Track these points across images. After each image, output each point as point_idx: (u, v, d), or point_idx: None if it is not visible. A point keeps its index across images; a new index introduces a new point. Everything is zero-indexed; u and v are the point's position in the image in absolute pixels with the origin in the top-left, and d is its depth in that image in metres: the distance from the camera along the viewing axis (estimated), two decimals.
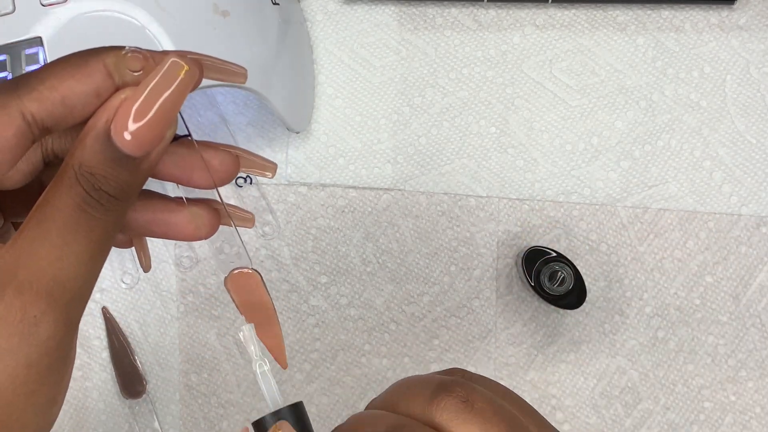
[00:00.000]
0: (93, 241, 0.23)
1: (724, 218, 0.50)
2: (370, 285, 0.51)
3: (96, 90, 0.23)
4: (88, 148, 0.23)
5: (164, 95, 0.23)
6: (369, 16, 0.52)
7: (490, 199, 0.51)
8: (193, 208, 0.28)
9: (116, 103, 0.23)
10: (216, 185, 0.28)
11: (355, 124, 0.52)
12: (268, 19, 0.46)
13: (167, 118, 0.23)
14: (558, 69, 0.52)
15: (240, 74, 0.27)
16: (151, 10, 0.39)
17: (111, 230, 0.24)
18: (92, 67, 0.23)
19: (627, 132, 0.51)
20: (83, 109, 0.24)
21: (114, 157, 0.23)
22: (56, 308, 0.23)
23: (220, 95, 0.52)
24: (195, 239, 0.29)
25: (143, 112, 0.23)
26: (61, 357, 0.24)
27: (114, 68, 0.24)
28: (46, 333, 0.23)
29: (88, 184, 0.23)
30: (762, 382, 0.50)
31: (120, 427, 0.50)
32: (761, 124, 0.51)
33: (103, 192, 0.23)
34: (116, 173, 0.23)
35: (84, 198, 0.23)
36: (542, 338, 0.50)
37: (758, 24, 0.51)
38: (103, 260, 0.24)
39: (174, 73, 0.23)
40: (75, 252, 0.23)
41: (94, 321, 0.51)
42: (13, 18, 0.37)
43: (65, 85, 0.23)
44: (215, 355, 0.51)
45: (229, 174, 0.28)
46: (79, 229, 0.23)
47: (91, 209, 0.23)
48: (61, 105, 0.23)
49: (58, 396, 0.25)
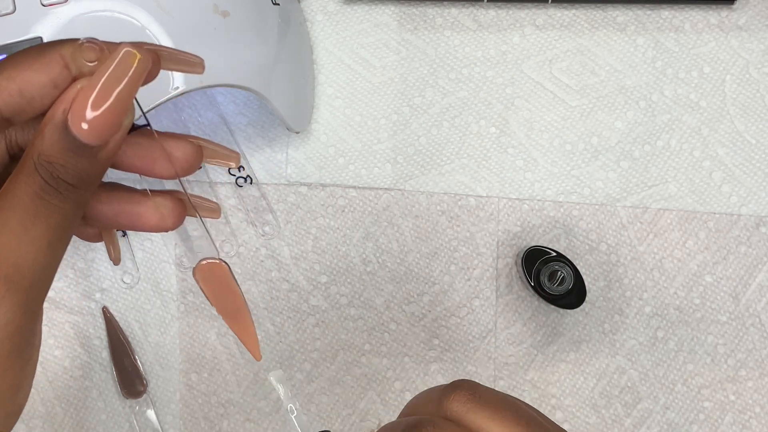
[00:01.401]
0: (52, 228, 0.24)
1: (723, 218, 0.50)
2: (370, 285, 0.51)
3: (53, 81, 0.24)
4: (47, 137, 0.24)
5: (119, 84, 0.24)
6: (369, 16, 0.52)
7: (490, 199, 0.51)
8: (158, 199, 0.29)
9: (73, 94, 0.24)
10: (178, 175, 0.28)
11: (355, 124, 0.52)
12: (268, 20, 0.46)
13: (122, 107, 0.24)
14: (558, 69, 0.52)
15: (197, 64, 0.28)
16: (151, 11, 0.39)
17: (70, 218, 0.25)
18: (49, 58, 0.24)
19: (627, 132, 0.51)
20: (42, 101, 0.24)
21: (72, 146, 0.24)
22: (15, 293, 0.23)
23: (220, 95, 0.52)
24: (161, 230, 0.29)
25: (99, 102, 0.23)
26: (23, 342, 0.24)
27: (70, 59, 0.24)
28: (4, 318, 0.23)
29: (46, 173, 0.24)
30: (761, 382, 0.50)
31: (120, 427, 0.50)
32: (761, 124, 0.51)
33: (61, 180, 0.24)
34: (74, 162, 0.24)
35: (42, 186, 0.24)
36: (542, 338, 0.50)
37: (758, 24, 0.51)
38: (63, 247, 0.25)
39: (127, 62, 0.24)
40: (34, 238, 0.24)
41: (94, 321, 0.51)
42: (14, 18, 0.38)
43: (22, 76, 0.24)
44: (215, 354, 0.51)
45: (191, 164, 0.29)
46: (39, 217, 0.24)
47: (49, 197, 0.24)
48: (18, 95, 0.24)
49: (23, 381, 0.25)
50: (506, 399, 0.25)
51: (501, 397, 0.25)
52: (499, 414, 0.25)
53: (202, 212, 0.30)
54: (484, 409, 0.25)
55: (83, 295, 0.51)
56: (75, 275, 0.51)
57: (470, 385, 0.26)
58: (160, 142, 0.28)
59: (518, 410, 0.25)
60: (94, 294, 0.51)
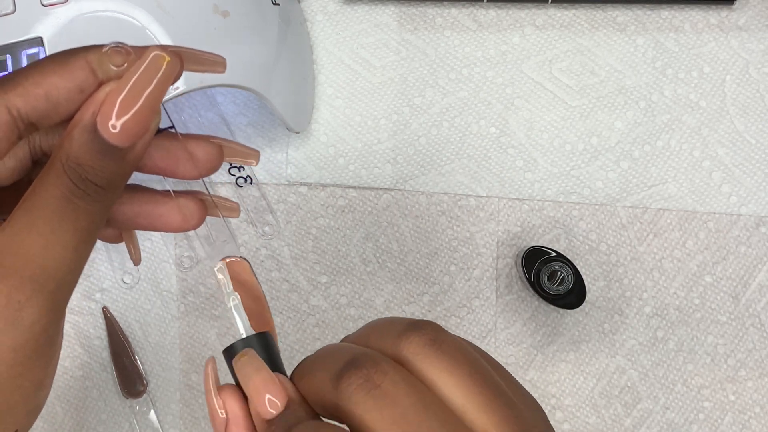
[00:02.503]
0: (79, 231, 0.24)
1: (723, 218, 0.50)
2: (370, 285, 0.51)
3: (79, 86, 0.24)
4: (75, 140, 0.24)
5: (148, 87, 0.24)
6: (369, 16, 0.52)
7: (490, 199, 0.51)
8: (180, 200, 0.29)
9: (101, 97, 0.24)
10: (201, 176, 0.28)
11: (355, 124, 0.52)
12: (268, 20, 0.46)
13: (151, 109, 0.24)
14: (558, 69, 0.52)
15: (219, 63, 0.28)
16: (151, 11, 0.39)
17: (97, 220, 0.25)
18: (75, 63, 0.24)
19: (626, 132, 0.51)
20: (68, 105, 0.24)
21: (100, 149, 0.24)
22: (41, 294, 0.24)
23: (220, 96, 0.53)
24: (183, 230, 0.29)
25: (128, 104, 0.23)
26: (47, 342, 0.25)
27: (97, 64, 0.24)
28: (30, 318, 0.23)
29: (75, 175, 0.24)
30: (761, 382, 0.50)
31: (120, 426, 0.50)
32: (760, 124, 0.51)
33: (89, 182, 0.24)
34: (103, 164, 0.24)
35: (71, 188, 0.24)
36: (542, 338, 0.50)
37: (758, 24, 0.51)
38: (89, 249, 0.25)
39: (156, 65, 0.24)
40: (61, 240, 0.24)
41: (95, 321, 0.51)
42: (14, 18, 0.38)
43: (49, 81, 0.24)
44: (216, 354, 0.51)
45: (213, 164, 0.29)
46: (66, 219, 0.24)
47: (77, 199, 0.24)
48: (45, 100, 0.24)
49: (45, 380, 0.26)
50: (467, 352, 0.24)
51: (462, 348, 0.24)
52: (455, 367, 0.23)
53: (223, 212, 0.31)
54: (440, 359, 0.23)
55: (83, 295, 0.51)
56: None
57: (433, 328, 0.24)
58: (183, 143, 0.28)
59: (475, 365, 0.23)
60: (94, 294, 0.51)
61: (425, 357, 0.23)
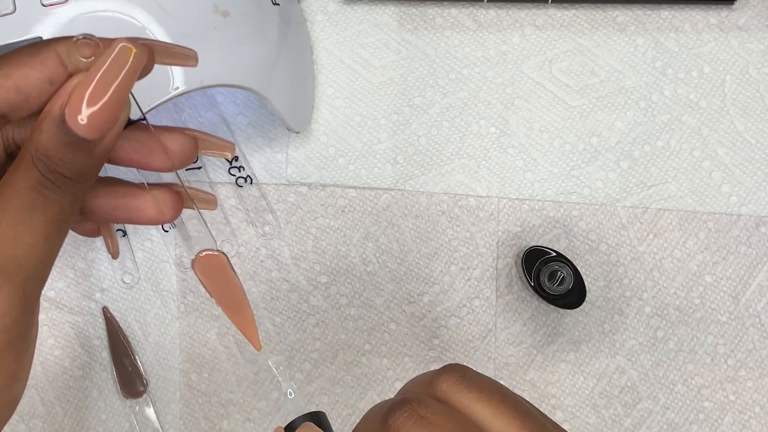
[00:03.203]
0: (49, 221, 0.24)
1: (723, 218, 0.50)
2: (370, 285, 0.51)
3: (49, 77, 0.24)
4: (44, 132, 0.24)
5: (115, 79, 0.24)
6: (369, 16, 0.52)
7: (490, 199, 0.51)
8: (155, 192, 0.29)
9: (70, 89, 0.24)
10: (175, 168, 0.29)
11: (355, 124, 0.52)
12: (268, 20, 0.46)
13: (119, 101, 0.24)
14: (558, 69, 0.52)
15: (191, 57, 0.28)
16: (151, 11, 0.39)
17: (68, 211, 0.25)
18: (45, 55, 0.24)
19: (626, 132, 0.51)
20: (38, 97, 0.24)
21: (69, 141, 0.24)
22: (11, 285, 0.24)
23: (220, 96, 0.53)
24: (159, 223, 0.30)
25: (95, 96, 0.24)
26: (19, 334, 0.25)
27: (66, 55, 0.24)
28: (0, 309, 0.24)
29: (44, 167, 0.24)
30: (761, 382, 0.50)
31: (120, 426, 0.50)
32: (760, 124, 0.51)
33: (58, 174, 0.24)
34: (71, 156, 0.24)
35: (40, 180, 0.24)
36: (542, 338, 0.50)
37: (757, 24, 0.51)
38: (60, 240, 0.25)
39: (123, 57, 0.24)
40: (31, 231, 0.24)
41: (94, 321, 0.51)
42: (14, 18, 0.38)
43: (18, 73, 0.24)
44: (216, 354, 0.51)
45: (187, 156, 0.29)
46: (36, 210, 0.24)
47: (47, 191, 0.24)
48: (15, 92, 0.24)
49: (20, 373, 0.26)
50: (493, 383, 0.26)
51: (489, 381, 0.26)
52: (485, 396, 0.25)
53: (199, 204, 0.31)
54: (471, 390, 0.26)
55: (83, 295, 0.51)
56: (75, 275, 0.51)
57: (460, 368, 0.27)
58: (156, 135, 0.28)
59: (504, 394, 0.26)
60: (94, 294, 0.51)
61: (458, 391, 0.26)
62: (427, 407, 0.25)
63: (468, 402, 0.26)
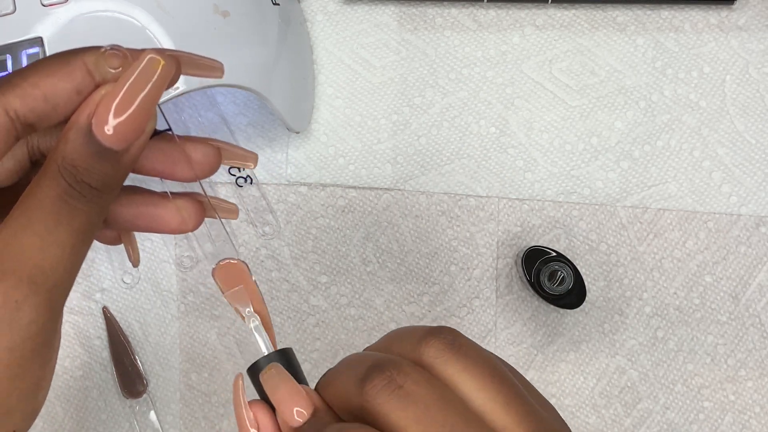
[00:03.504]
0: (75, 231, 0.24)
1: (723, 218, 0.50)
2: (370, 285, 0.51)
3: (77, 87, 0.24)
4: (71, 142, 0.24)
5: (143, 90, 0.24)
6: (369, 16, 0.52)
7: (490, 199, 0.51)
8: (178, 201, 0.29)
9: (97, 99, 0.24)
10: (198, 178, 0.29)
11: (355, 124, 0.52)
12: (268, 20, 0.46)
13: (146, 112, 0.24)
14: (558, 69, 0.52)
15: (217, 68, 0.28)
16: (151, 11, 0.39)
17: (93, 221, 0.25)
18: (73, 65, 0.24)
19: (626, 132, 0.51)
20: (65, 107, 0.24)
21: (96, 151, 0.24)
22: (38, 294, 0.24)
23: (220, 96, 0.53)
24: (181, 232, 0.30)
25: (123, 107, 0.24)
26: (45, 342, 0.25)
27: (94, 66, 0.24)
28: (27, 317, 0.24)
29: (70, 177, 0.24)
30: (761, 382, 0.50)
31: (120, 427, 0.50)
32: (760, 124, 0.51)
33: (85, 184, 0.24)
34: (98, 166, 0.24)
35: (66, 189, 0.24)
36: (542, 338, 0.50)
37: (757, 24, 0.51)
38: (85, 250, 0.25)
39: (151, 69, 0.24)
40: (57, 241, 0.24)
41: (95, 321, 0.51)
42: (14, 18, 0.38)
43: (46, 82, 0.24)
44: (216, 354, 0.51)
45: (211, 166, 0.29)
46: (62, 219, 0.24)
47: (73, 200, 0.24)
48: (43, 101, 0.24)
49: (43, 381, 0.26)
50: (484, 354, 0.25)
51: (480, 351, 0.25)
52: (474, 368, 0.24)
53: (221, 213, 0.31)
54: (459, 360, 0.24)
55: (83, 295, 0.51)
56: None
57: (451, 333, 0.25)
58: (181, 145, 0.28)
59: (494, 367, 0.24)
60: (94, 294, 0.51)
61: (445, 360, 0.24)
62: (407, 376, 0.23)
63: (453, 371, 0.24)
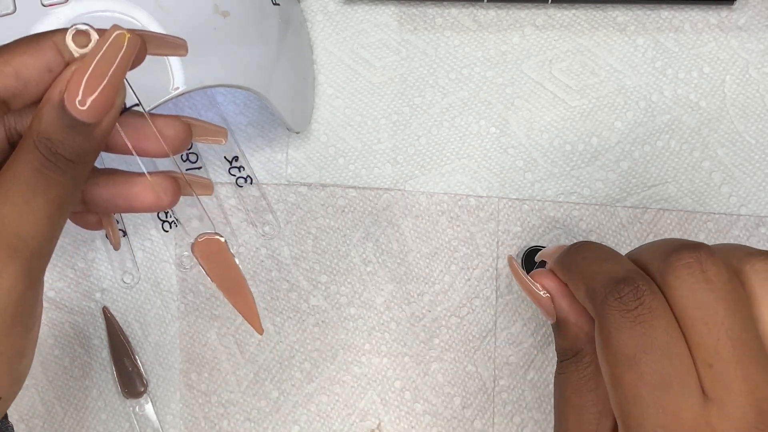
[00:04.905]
0: (51, 201, 0.26)
1: (723, 218, 0.50)
2: (370, 284, 0.51)
3: (47, 64, 0.26)
4: (45, 117, 0.25)
5: (111, 64, 0.25)
6: (369, 16, 0.52)
7: (490, 199, 0.51)
8: (153, 179, 0.30)
9: (68, 75, 0.26)
10: (170, 153, 0.30)
11: (355, 124, 0.52)
12: (269, 20, 0.46)
13: (115, 86, 0.26)
14: (558, 69, 0.52)
15: (181, 46, 0.29)
16: (151, 10, 0.39)
17: (69, 191, 0.26)
18: (43, 44, 0.26)
19: (626, 132, 0.51)
20: (37, 85, 0.26)
21: (69, 124, 0.25)
22: (17, 260, 0.25)
23: (220, 95, 0.53)
24: (158, 208, 0.31)
25: (93, 81, 0.25)
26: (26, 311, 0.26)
27: (62, 45, 0.26)
28: (6, 284, 0.25)
29: (45, 149, 0.25)
30: None
31: (120, 426, 0.50)
32: (760, 124, 0.51)
33: (60, 155, 0.25)
34: (71, 139, 0.25)
35: (42, 161, 0.25)
36: (542, 338, 0.50)
37: (758, 24, 0.51)
38: (62, 219, 0.27)
39: (118, 43, 0.26)
40: (35, 210, 0.25)
41: (95, 321, 0.51)
42: (14, 18, 0.38)
43: (18, 60, 0.26)
44: (216, 354, 0.51)
45: (182, 142, 0.30)
46: (38, 190, 0.25)
47: (48, 171, 0.25)
48: (14, 78, 0.26)
49: (26, 349, 0.27)
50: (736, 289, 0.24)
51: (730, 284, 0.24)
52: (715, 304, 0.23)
53: (197, 189, 0.32)
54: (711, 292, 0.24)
55: (83, 295, 0.51)
56: (75, 275, 0.51)
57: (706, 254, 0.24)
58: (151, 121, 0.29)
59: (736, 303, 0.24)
60: (94, 294, 0.51)
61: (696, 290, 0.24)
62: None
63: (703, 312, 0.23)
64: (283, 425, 0.50)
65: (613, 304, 0.24)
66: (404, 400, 0.50)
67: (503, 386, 0.50)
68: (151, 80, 0.39)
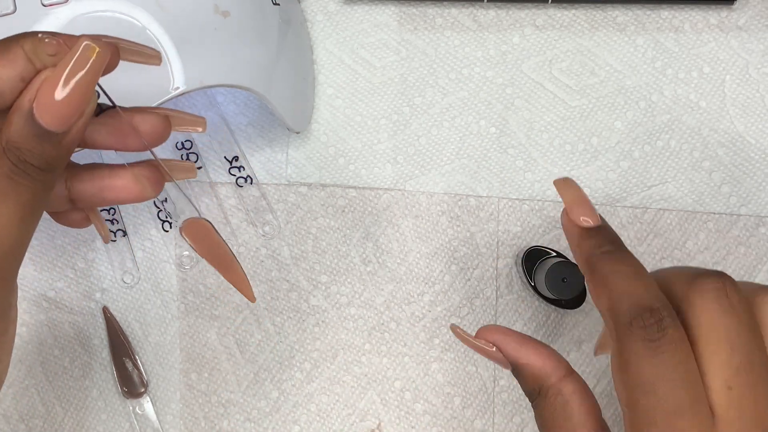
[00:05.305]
0: (22, 205, 0.26)
1: (723, 218, 0.50)
2: (370, 285, 0.51)
3: (20, 74, 0.26)
4: (14, 125, 0.26)
5: (79, 75, 0.25)
6: (369, 16, 0.52)
7: (490, 199, 0.51)
8: (135, 169, 0.31)
9: (38, 84, 0.26)
10: (149, 147, 0.30)
11: (355, 124, 0.52)
12: (269, 20, 0.46)
13: (84, 96, 0.26)
14: (558, 69, 0.52)
15: (154, 56, 0.30)
16: (151, 11, 0.39)
17: (40, 196, 0.27)
18: (14, 53, 0.26)
19: (626, 132, 0.51)
20: (12, 94, 0.26)
21: (37, 133, 0.26)
22: None
23: (220, 95, 0.53)
24: (143, 198, 0.31)
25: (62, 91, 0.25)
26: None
27: (32, 53, 0.26)
28: None
29: (14, 157, 0.25)
30: None
31: (120, 426, 0.50)
32: (760, 124, 0.51)
33: (28, 164, 0.26)
34: (40, 147, 0.26)
35: (12, 168, 0.26)
36: (542, 338, 0.50)
37: (757, 24, 0.51)
38: (34, 222, 0.27)
39: (87, 55, 0.26)
40: (6, 214, 0.26)
41: (95, 321, 0.51)
42: (14, 18, 0.37)
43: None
44: (215, 354, 0.51)
45: (159, 134, 0.31)
46: (9, 194, 0.26)
47: (18, 177, 0.26)
48: None
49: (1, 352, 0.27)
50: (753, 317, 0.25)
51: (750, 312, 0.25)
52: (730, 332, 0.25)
53: (179, 173, 0.32)
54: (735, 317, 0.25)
55: (83, 295, 0.51)
56: (75, 275, 0.51)
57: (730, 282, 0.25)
58: (126, 119, 0.30)
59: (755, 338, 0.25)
60: (94, 294, 0.51)
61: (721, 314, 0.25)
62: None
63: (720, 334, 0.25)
64: (283, 425, 0.50)
65: (637, 332, 0.25)
66: (404, 400, 0.50)
67: (503, 386, 0.50)
68: (151, 80, 0.39)
